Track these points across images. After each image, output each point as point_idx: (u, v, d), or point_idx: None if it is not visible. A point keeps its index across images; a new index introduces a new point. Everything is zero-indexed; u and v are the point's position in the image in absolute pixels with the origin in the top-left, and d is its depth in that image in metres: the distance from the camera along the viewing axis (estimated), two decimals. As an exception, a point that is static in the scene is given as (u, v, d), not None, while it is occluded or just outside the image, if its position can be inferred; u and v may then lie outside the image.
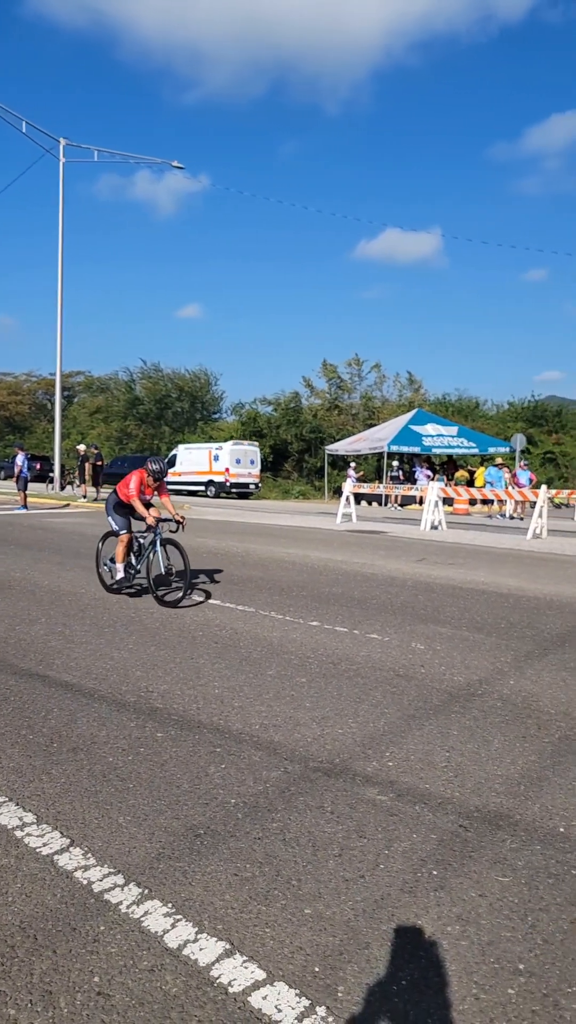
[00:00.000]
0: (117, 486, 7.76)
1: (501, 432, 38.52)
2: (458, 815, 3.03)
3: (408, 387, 44.50)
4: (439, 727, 4.06)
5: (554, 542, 14.38)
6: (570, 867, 2.64)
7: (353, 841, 2.79)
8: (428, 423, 29.35)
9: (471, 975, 2.07)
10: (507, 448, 29.08)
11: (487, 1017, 1.91)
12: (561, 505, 26.96)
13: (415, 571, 9.96)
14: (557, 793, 3.26)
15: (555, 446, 43.49)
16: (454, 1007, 1.94)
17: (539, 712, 4.35)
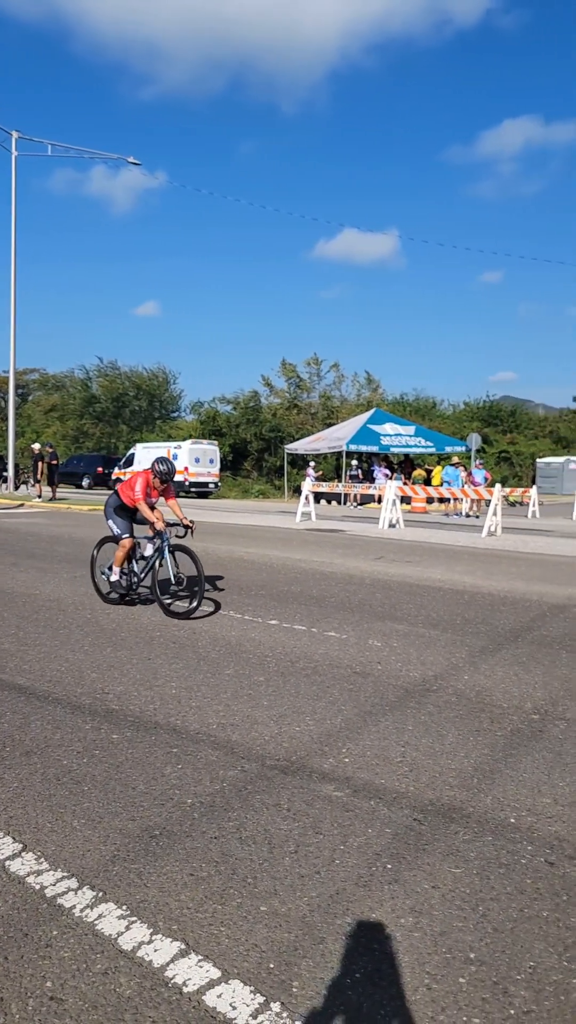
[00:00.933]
0: (119, 488, 7.26)
1: (457, 432, 39.10)
2: (412, 809, 3.07)
3: (366, 387, 44.83)
4: (395, 723, 4.11)
5: (508, 539, 14.66)
6: (520, 857, 2.70)
7: (309, 837, 2.81)
8: (386, 422, 29.61)
9: (423, 965, 2.10)
10: (463, 447, 29.53)
11: (439, 1007, 1.94)
12: (515, 503, 27.50)
13: (373, 569, 10.05)
14: (508, 785, 3.33)
15: (509, 445, 44.36)
16: (407, 998, 1.97)
17: (492, 706, 4.43)
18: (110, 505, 7.25)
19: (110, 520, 7.21)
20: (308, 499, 19.03)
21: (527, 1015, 1.91)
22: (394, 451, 29.64)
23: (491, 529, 15.40)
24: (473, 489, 19.49)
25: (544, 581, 9.23)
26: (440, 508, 25.98)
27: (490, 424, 45.41)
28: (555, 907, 2.39)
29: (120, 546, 7.12)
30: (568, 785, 3.33)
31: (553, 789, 3.29)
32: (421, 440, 29.43)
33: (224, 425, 39.03)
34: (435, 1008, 1.94)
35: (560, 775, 3.44)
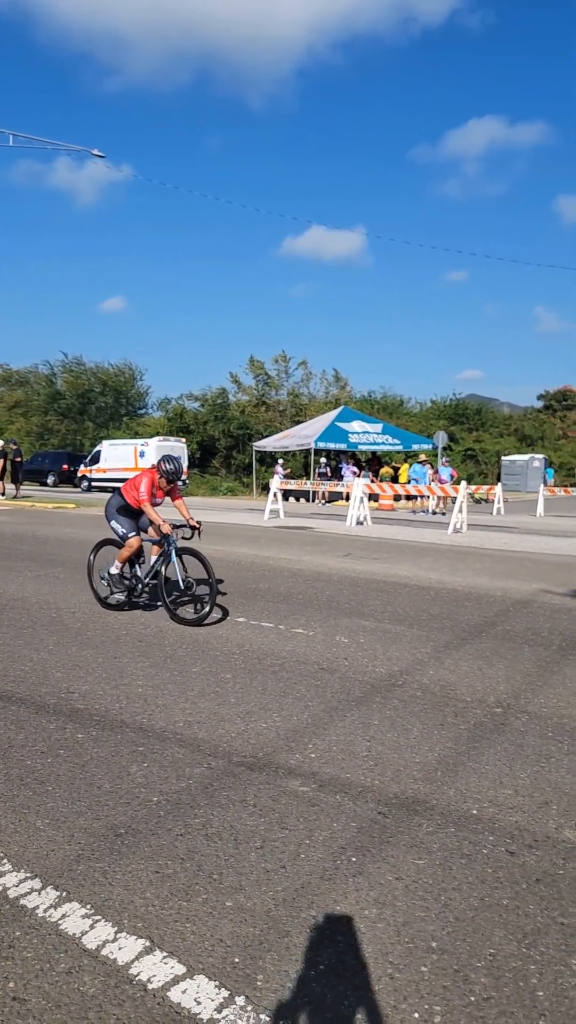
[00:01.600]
0: (122, 488, 6.88)
1: (424, 429, 39.46)
2: (377, 802, 3.11)
3: (334, 384, 45.02)
4: (361, 718, 4.15)
5: (474, 536, 14.86)
6: (481, 847, 2.75)
7: (275, 833, 2.83)
8: (354, 420, 29.75)
9: (386, 956, 2.13)
10: (430, 445, 29.82)
11: (401, 995, 1.98)
12: (481, 500, 27.86)
13: (341, 566, 10.11)
14: (471, 777, 3.38)
15: (475, 443, 44.90)
16: (370, 987, 2.00)
17: (456, 700, 4.50)
18: (112, 506, 6.88)
19: (113, 521, 6.83)
20: (276, 496, 19.05)
21: (487, 1001, 1.96)
22: (362, 449, 29.81)
23: (457, 526, 15.59)
24: (439, 486, 19.70)
25: (508, 577, 9.38)
26: (407, 505, 26.20)
27: (456, 422, 45.92)
28: (515, 895, 2.44)
29: (127, 545, 6.74)
30: (529, 776, 3.40)
31: (514, 780, 3.35)
32: (388, 438, 29.64)
33: (192, 422, 38.86)
34: (397, 997, 1.97)
35: (521, 766, 3.51)
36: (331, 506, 25.62)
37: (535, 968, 2.08)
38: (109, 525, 6.89)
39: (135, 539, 6.71)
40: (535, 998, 1.97)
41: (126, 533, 6.75)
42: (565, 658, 5.52)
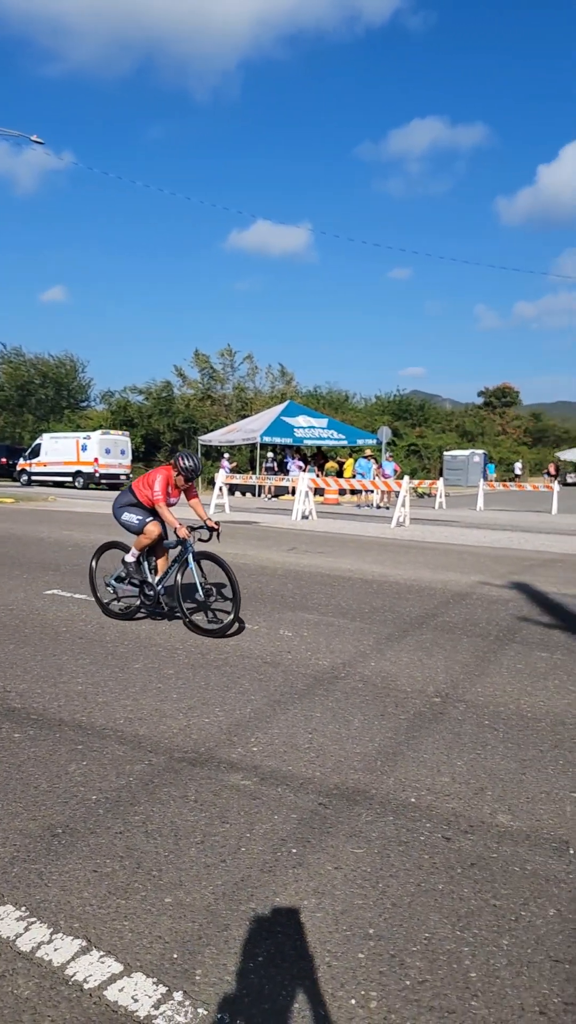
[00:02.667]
0: (133, 484, 6.44)
1: (369, 425, 39.89)
2: (318, 794, 3.14)
3: (280, 379, 45.07)
4: (303, 710, 4.18)
5: (416, 530, 15.11)
6: (419, 834, 2.81)
7: (216, 827, 2.82)
8: (300, 415, 29.84)
9: (324, 944, 2.16)
10: (374, 440, 30.16)
11: (338, 983, 2.00)
12: (423, 495, 28.35)
13: (285, 560, 10.14)
14: (410, 766, 3.45)
15: (418, 439, 45.63)
16: (308, 976, 2.02)
17: (397, 691, 4.57)
18: (121, 503, 6.36)
19: (124, 514, 6.27)
20: (222, 491, 18.97)
21: (422, 984, 2.00)
22: (307, 443, 29.93)
23: (400, 520, 15.82)
24: (383, 481, 19.95)
25: (448, 569, 9.57)
26: (352, 500, 26.45)
27: (400, 418, 46.57)
28: (450, 880, 2.50)
29: (145, 532, 6.19)
30: (465, 764, 3.48)
31: (451, 768, 3.43)
32: (334, 433, 29.84)
33: (136, 415, 38.34)
34: (335, 984, 1.99)
35: (458, 754, 3.59)
36: (277, 500, 25.66)
37: (468, 950, 2.14)
38: (120, 521, 6.32)
39: (153, 524, 6.19)
40: (468, 979, 2.02)
41: (143, 519, 6.22)
42: (502, 648, 5.67)
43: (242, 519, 17.04)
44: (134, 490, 6.36)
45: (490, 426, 60.28)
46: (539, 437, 70.20)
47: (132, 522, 6.27)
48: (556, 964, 2.09)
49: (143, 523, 6.22)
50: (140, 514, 6.25)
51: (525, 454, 57.56)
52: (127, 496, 6.39)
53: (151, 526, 6.18)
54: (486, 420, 61.15)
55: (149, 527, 6.18)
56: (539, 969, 2.07)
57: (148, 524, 6.19)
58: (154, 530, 6.18)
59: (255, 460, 30.51)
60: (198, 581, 5.99)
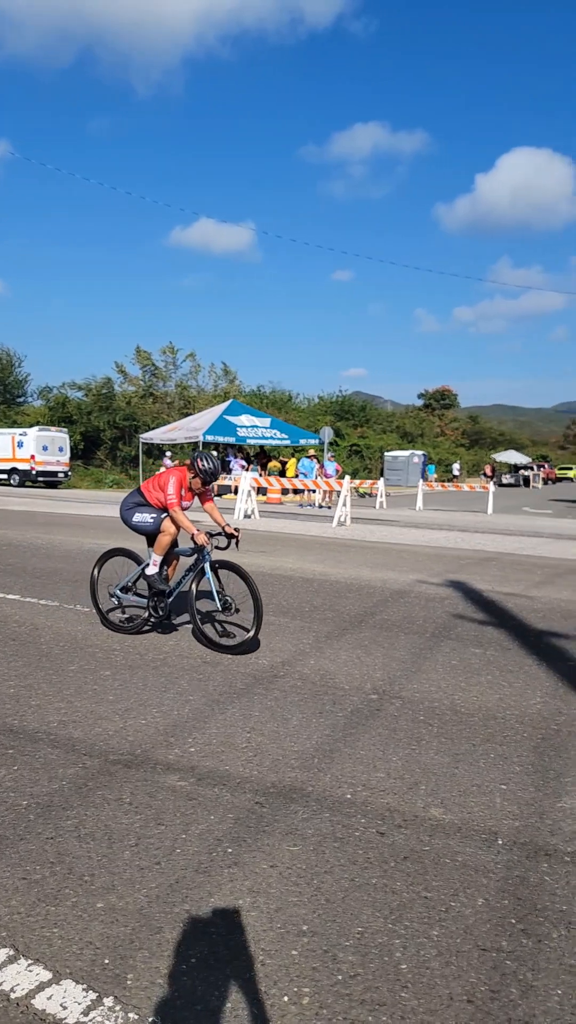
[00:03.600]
0: (141, 486, 5.97)
1: (311, 425, 40.13)
2: (255, 792, 3.14)
3: (223, 378, 44.91)
4: (242, 710, 4.17)
5: (357, 529, 15.28)
6: (354, 830, 2.84)
7: (151, 829, 2.79)
8: (242, 414, 29.78)
9: (258, 943, 2.16)
10: (316, 440, 30.34)
11: (271, 980, 2.01)
12: (365, 495, 28.68)
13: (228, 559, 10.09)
14: (346, 763, 3.48)
15: (360, 439, 46.15)
16: (241, 976, 2.02)
17: (335, 689, 4.61)
18: (129, 503, 5.89)
19: (136, 515, 5.79)
20: (163, 489, 18.77)
21: (353, 979, 2.02)
22: (250, 442, 29.90)
23: (341, 519, 15.97)
24: (325, 481, 20.10)
25: (387, 568, 9.71)
26: (295, 499, 26.56)
27: (342, 418, 47.00)
28: (383, 874, 2.53)
29: (163, 530, 5.67)
30: (400, 759, 3.53)
31: (387, 764, 3.48)
32: (276, 432, 29.90)
33: (75, 412, 37.54)
34: (268, 983, 2.00)
35: (394, 750, 3.65)
36: (219, 500, 25.54)
37: (399, 942, 2.18)
38: (131, 524, 5.83)
39: (170, 521, 5.67)
40: (399, 971, 2.05)
41: (158, 516, 5.73)
42: (437, 645, 5.78)
43: (183, 518, 16.88)
44: (142, 492, 5.90)
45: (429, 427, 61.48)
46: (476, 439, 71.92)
47: (146, 521, 5.76)
48: (484, 953, 2.14)
49: (159, 520, 5.72)
50: (152, 512, 5.77)
51: (463, 455, 58.94)
52: (135, 496, 5.94)
53: (168, 523, 5.67)
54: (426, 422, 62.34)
55: (167, 524, 5.67)
56: (467, 958, 2.12)
57: (165, 521, 5.69)
58: (173, 527, 5.67)
59: (197, 459, 30.31)
60: (215, 592, 5.48)
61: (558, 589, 8.48)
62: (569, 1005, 1.94)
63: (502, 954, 2.14)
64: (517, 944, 2.18)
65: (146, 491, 5.86)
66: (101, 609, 6.03)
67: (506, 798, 3.15)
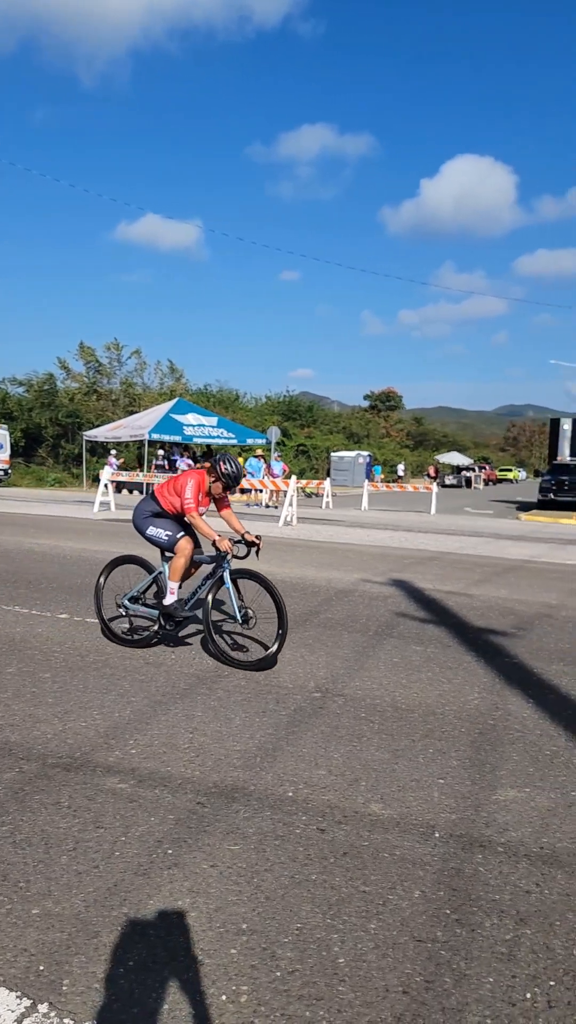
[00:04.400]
0: (155, 490, 5.55)
1: (259, 424, 40.11)
2: (197, 793, 3.13)
3: (170, 376, 44.48)
4: (184, 710, 4.14)
5: (303, 529, 15.35)
6: (295, 828, 2.86)
7: (89, 833, 2.75)
8: (189, 412, 29.54)
9: (198, 943, 2.15)
10: (264, 440, 30.35)
11: (209, 980, 2.00)
12: (311, 495, 28.83)
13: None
14: (288, 761, 3.50)
15: (307, 439, 46.38)
16: (179, 977, 2.01)
17: (278, 688, 4.63)
18: (144, 513, 5.46)
19: (151, 528, 5.38)
20: (107, 488, 18.49)
21: (291, 975, 2.04)
22: (197, 441, 29.70)
23: (287, 519, 16.02)
24: (271, 480, 20.14)
25: (332, 567, 9.79)
26: (241, 499, 26.51)
27: (289, 418, 47.15)
28: (323, 870, 2.56)
29: (178, 551, 5.28)
30: (342, 756, 3.57)
31: (328, 761, 3.51)
32: (223, 431, 29.78)
33: (15, 408, 36.59)
34: (206, 982, 1.99)
35: (335, 747, 3.68)
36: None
37: (337, 937, 2.20)
38: (144, 535, 5.42)
39: (186, 540, 5.28)
40: (336, 965, 2.08)
41: (173, 535, 5.30)
42: (380, 643, 5.86)
43: (128, 518, 16.66)
44: (157, 497, 5.46)
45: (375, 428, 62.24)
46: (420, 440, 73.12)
47: (160, 538, 5.34)
48: (419, 944, 2.19)
49: (174, 539, 5.30)
50: (169, 527, 5.35)
51: (408, 456, 59.87)
52: (149, 504, 5.49)
53: (184, 542, 5.27)
54: (371, 423, 63.09)
55: (182, 544, 5.27)
56: (403, 950, 2.16)
57: (180, 540, 5.27)
58: (187, 547, 5.28)
59: (143, 457, 29.94)
60: (235, 604, 5.18)
61: (496, 587, 8.71)
62: (500, 992, 2.00)
63: (437, 944, 2.19)
64: (452, 934, 2.24)
65: (160, 496, 5.45)
66: (104, 619, 5.61)
67: (443, 792, 3.22)
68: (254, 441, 30.40)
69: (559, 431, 29.23)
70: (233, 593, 5.19)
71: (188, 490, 5.20)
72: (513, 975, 2.07)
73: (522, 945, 2.20)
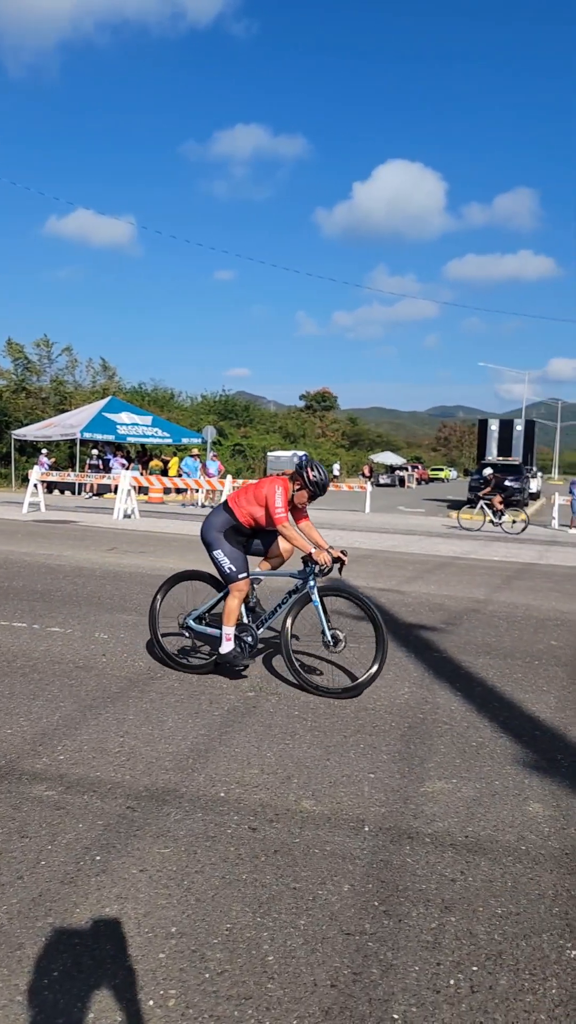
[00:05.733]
0: (229, 499, 4.90)
1: (194, 424, 39.80)
2: (127, 797, 3.08)
3: (102, 374, 43.57)
4: (115, 714, 4.08)
5: (239, 529, 15.32)
6: (226, 828, 2.85)
7: (14, 843, 2.67)
8: (123, 411, 29.06)
9: (126, 949, 2.12)
10: (199, 439, 30.13)
11: (137, 986, 1.98)
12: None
13: (104, 561, 9.84)
14: (221, 761, 3.49)
15: (243, 439, 46.30)
16: (105, 985, 1.98)
17: (212, 688, 4.61)
18: (217, 526, 4.81)
19: (218, 550, 4.74)
20: (37, 488, 18.01)
21: (220, 976, 2.03)
22: (131, 441, 29.26)
23: (223, 519, 15.95)
24: (207, 480, 20.02)
25: (268, 567, 9.80)
26: (177, 499, 26.25)
27: (225, 417, 46.98)
28: (253, 868, 2.56)
29: (233, 591, 4.71)
30: (275, 754, 3.59)
31: (261, 759, 3.52)
32: (158, 431, 29.43)
33: None
34: (133, 988, 1.97)
35: (268, 745, 3.69)
36: (100, 499, 24.82)
37: (267, 935, 2.21)
38: (210, 554, 4.79)
39: (245, 582, 4.74)
40: (265, 963, 2.09)
41: (236, 571, 4.70)
42: (314, 641, 5.90)
43: (59, 518, 16.28)
44: (231, 507, 4.84)
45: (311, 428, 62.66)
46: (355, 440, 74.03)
47: (224, 567, 4.72)
48: (348, 937, 2.22)
49: (235, 576, 4.69)
50: (237, 560, 4.71)
51: (343, 456, 60.51)
52: (221, 516, 4.84)
53: (244, 584, 4.72)
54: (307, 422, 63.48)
55: (240, 584, 4.71)
56: (332, 944, 2.18)
57: (241, 580, 4.70)
58: (245, 589, 4.75)
59: (75, 456, 29.29)
60: (325, 624, 4.69)
61: (427, 584, 8.90)
62: (425, 980, 2.05)
63: (365, 936, 2.22)
64: (379, 926, 2.27)
65: (235, 505, 4.82)
66: (162, 645, 5.03)
67: (374, 786, 3.27)
68: (189, 441, 30.15)
69: (487, 432, 30.11)
70: (322, 613, 4.71)
71: (278, 498, 4.61)
72: (438, 963, 2.12)
73: (447, 932, 2.25)
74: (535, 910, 2.39)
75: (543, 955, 2.17)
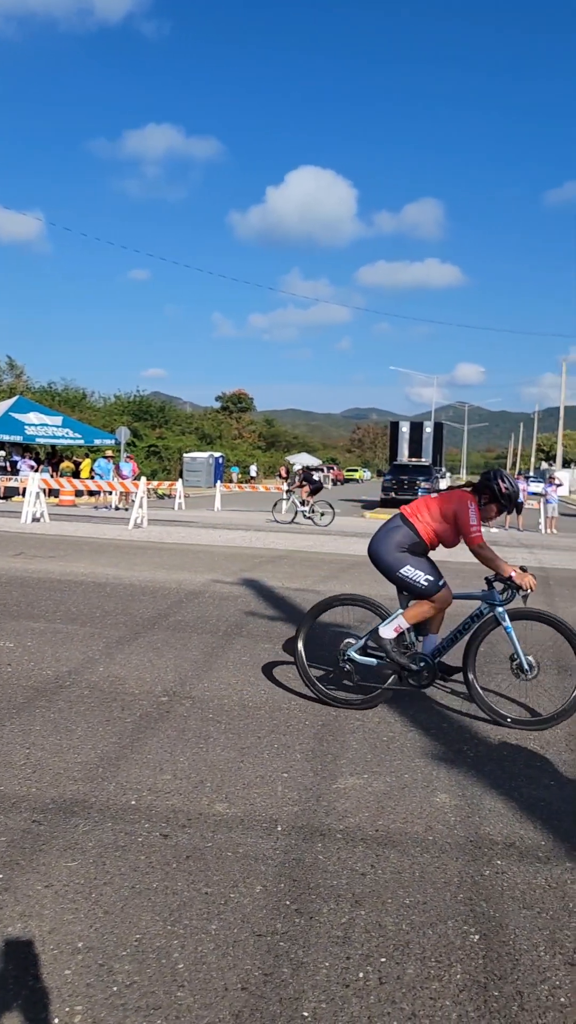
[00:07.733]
0: (407, 515, 4.42)
1: (108, 424, 38.97)
2: (32, 811, 2.97)
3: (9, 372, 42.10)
4: (21, 725, 3.93)
5: (153, 531, 15.09)
6: (137, 836, 2.80)
7: None
8: (31, 411, 28.10)
9: (28, 969, 2.04)
10: (113, 440, 29.52)
11: (40, 1005, 1.91)
12: (163, 496, 28.43)
13: (10, 566, 9.47)
14: (132, 769, 3.42)
15: (158, 440, 45.68)
16: (6, 1006, 1.90)
17: (124, 694, 4.51)
18: (395, 545, 4.34)
19: (405, 567, 4.28)
20: None
21: (129, 988, 1.99)
22: (40, 442, 28.34)
23: (138, 521, 15.68)
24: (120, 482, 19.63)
25: (183, 569, 9.70)
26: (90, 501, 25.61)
27: (140, 418, 46.22)
28: (165, 876, 2.52)
29: (437, 601, 4.29)
30: (188, 759, 3.55)
31: (174, 765, 3.47)
32: (69, 431, 28.63)
33: None
34: (36, 1008, 1.90)
35: (182, 750, 3.65)
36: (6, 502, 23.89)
37: (178, 943, 2.18)
38: (396, 575, 4.31)
39: (448, 591, 4.31)
40: (176, 971, 2.06)
41: (435, 581, 4.27)
42: (229, 643, 5.89)
43: (-37, 523, 15.56)
44: (410, 520, 4.40)
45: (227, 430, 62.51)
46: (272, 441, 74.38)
47: (418, 583, 4.26)
48: (259, 938, 2.21)
49: (435, 586, 4.27)
50: (430, 570, 4.30)
51: (260, 457, 60.68)
52: (403, 531, 4.37)
53: (447, 593, 4.31)
54: (224, 424, 63.30)
55: (444, 594, 4.29)
56: (243, 947, 2.17)
57: (443, 590, 4.29)
58: (449, 598, 4.33)
59: (-20, 458, 28.09)
60: (520, 650, 4.29)
61: (341, 583, 9.03)
62: (335, 975, 2.07)
63: (276, 936, 2.22)
64: (291, 924, 2.28)
65: (415, 520, 4.38)
66: (312, 679, 4.49)
67: (287, 785, 3.29)
68: (102, 442, 29.48)
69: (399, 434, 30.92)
70: (515, 639, 4.30)
71: (473, 515, 4.22)
72: (348, 957, 2.15)
73: (356, 926, 2.29)
74: (441, 898, 2.47)
75: (448, 942, 2.24)
